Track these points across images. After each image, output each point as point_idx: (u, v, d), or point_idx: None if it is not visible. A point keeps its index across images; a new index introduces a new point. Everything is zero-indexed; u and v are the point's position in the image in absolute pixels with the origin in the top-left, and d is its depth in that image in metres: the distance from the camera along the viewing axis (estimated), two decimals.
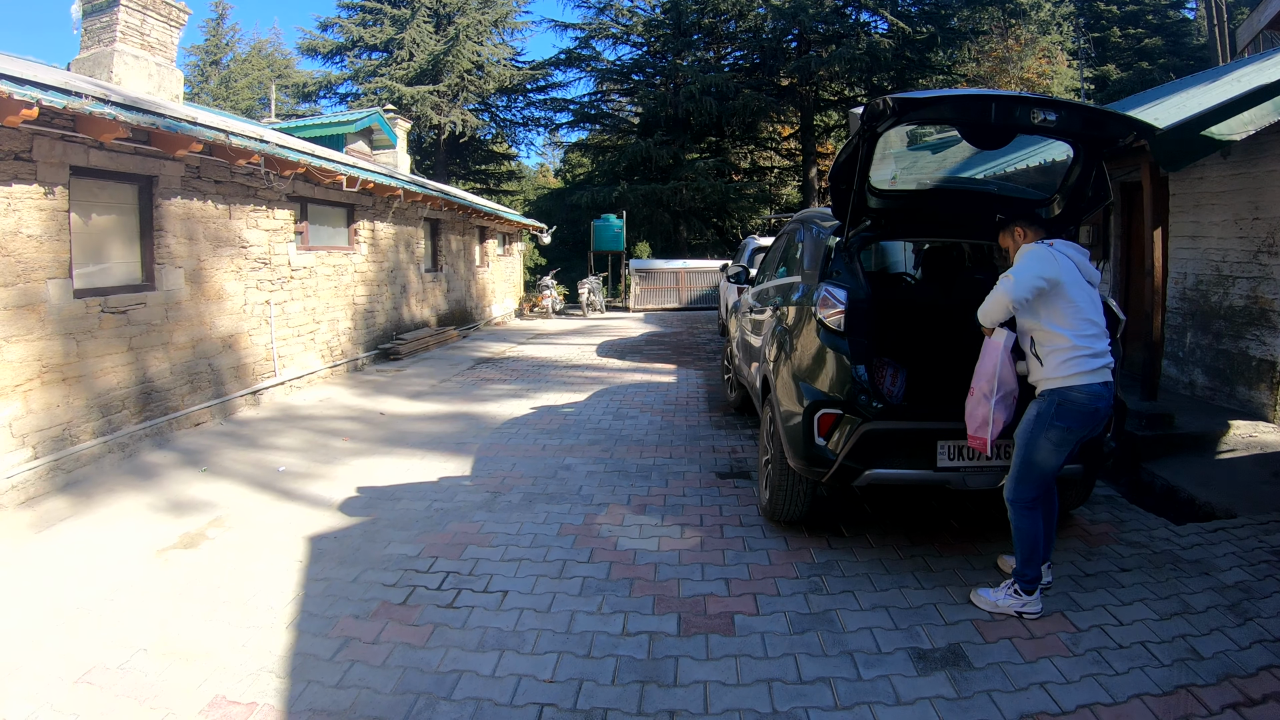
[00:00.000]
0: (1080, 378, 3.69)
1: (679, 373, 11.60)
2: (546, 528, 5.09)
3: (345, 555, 4.67)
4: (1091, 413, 3.72)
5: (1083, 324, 3.71)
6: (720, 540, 4.86)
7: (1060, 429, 3.72)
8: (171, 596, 4.11)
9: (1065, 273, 3.72)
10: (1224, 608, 3.85)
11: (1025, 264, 3.79)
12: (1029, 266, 3.75)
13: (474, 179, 38.02)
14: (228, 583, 4.29)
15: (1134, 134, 4.05)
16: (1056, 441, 3.75)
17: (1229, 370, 7.49)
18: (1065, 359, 3.70)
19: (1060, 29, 39.14)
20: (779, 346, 5.14)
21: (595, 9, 33.42)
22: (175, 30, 9.68)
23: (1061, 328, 3.72)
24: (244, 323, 8.73)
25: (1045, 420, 3.74)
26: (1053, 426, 3.73)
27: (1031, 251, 3.84)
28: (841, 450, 4.24)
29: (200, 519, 5.29)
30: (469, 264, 18.24)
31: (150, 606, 3.99)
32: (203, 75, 46.61)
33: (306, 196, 10.31)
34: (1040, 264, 3.73)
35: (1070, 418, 3.71)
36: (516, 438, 7.49)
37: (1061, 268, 3.72)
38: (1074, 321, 3.70)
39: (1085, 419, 3.73)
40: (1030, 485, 3.83)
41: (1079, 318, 3.71)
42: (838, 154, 4.36)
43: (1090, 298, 3.79)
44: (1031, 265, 3.75)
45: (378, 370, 11.56)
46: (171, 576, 4.37)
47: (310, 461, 6.70)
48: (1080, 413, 3.71)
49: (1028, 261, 3.79)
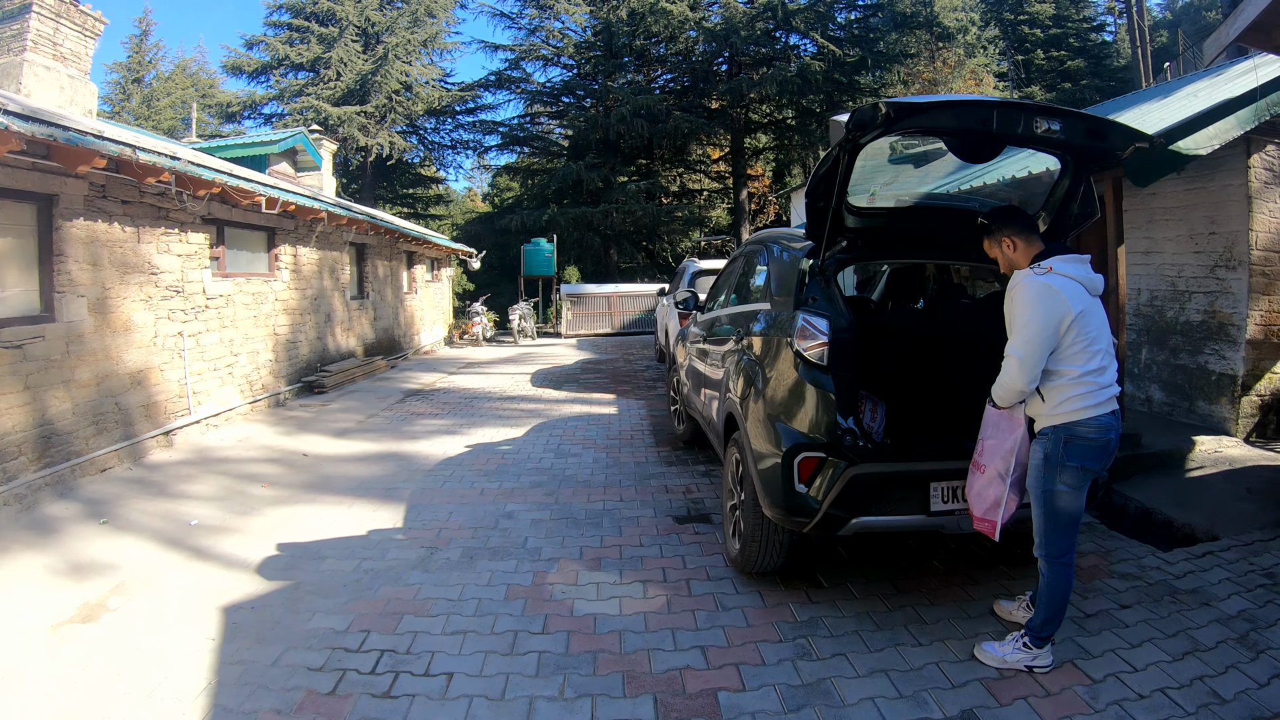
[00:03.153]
0: (1088, 411, 3.32)
1: (619, 403, 11.13)
2: (492, 590, 4.51)
3: (264, 630, 4.03)
4: (1104, 445, 3.36)
5: (1092, 354, 3.32)
6: (689, 599, 4.35)
7: (1074, 469, 3.35)
8: (65, 685, 3.44)
9: (1074, 303, 3.30)
10: (1234, 641, 3.67)
11: (1027, 321, 3.32)
12: (1031, 326, 3.30)
13: (402, 203, 37.28)
14: (130, 667, 3.62)
15: (1134, 145, 3.71)
16: (1074, 483, 3.36)
17: (1188, 385, 7.45)
18: (1071, 394, 3.33)
19: (986, 52, 40.60)
20: (747, 381, 4.65)
21: (526, 30, 33.27)
22: (90, 40, 8.97)
23: (1069, 363, 3.34)
24: (155, 356, 8.00)
25: (1056, 462, 3.36)
26: (1065, 468, 3.35)
27: (1027, 294, 3.36)
28: (825, 498, 3.79)
29: (102, 585, 4.60)
30: (397, 290, 17.55)
31: (38, 700, 3.32)
32: (124, 93, 44.99)
33: (223, 219, 9.63)
34: (1045, 315, 3.29)
35: (1082, 455, 3.34)
36: (452, 481, 6.89)
37: (1069, 301, 3.29)
38: (1083, 353, 3.32)
39: (1098, 453, 3.36)
40: (1061, 535, 3.43)
41: (1089, 349, 3.32)
42: (816, 167, 3.90)
43: (1099, 319, 3.39)
44: (1033, 323, 3.30)
45: (301, 405, 10.82)
46: (67, 658, 3.70)
47: (226, 512, 6.01)
48: (1092, 448, 3.34)
49: (1029, 317, 3.32)
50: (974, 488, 3.63)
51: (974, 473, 3.64)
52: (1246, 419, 7.00)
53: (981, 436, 3.66)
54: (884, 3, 31.66)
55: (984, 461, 3.60)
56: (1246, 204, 6.71)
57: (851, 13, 31.66)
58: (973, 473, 3.65)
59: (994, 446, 3.58)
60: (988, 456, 3.59)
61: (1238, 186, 6.78)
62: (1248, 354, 6.87)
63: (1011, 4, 43.54)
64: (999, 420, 3.60)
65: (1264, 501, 5.61)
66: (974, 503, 3.62)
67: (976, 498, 3.60)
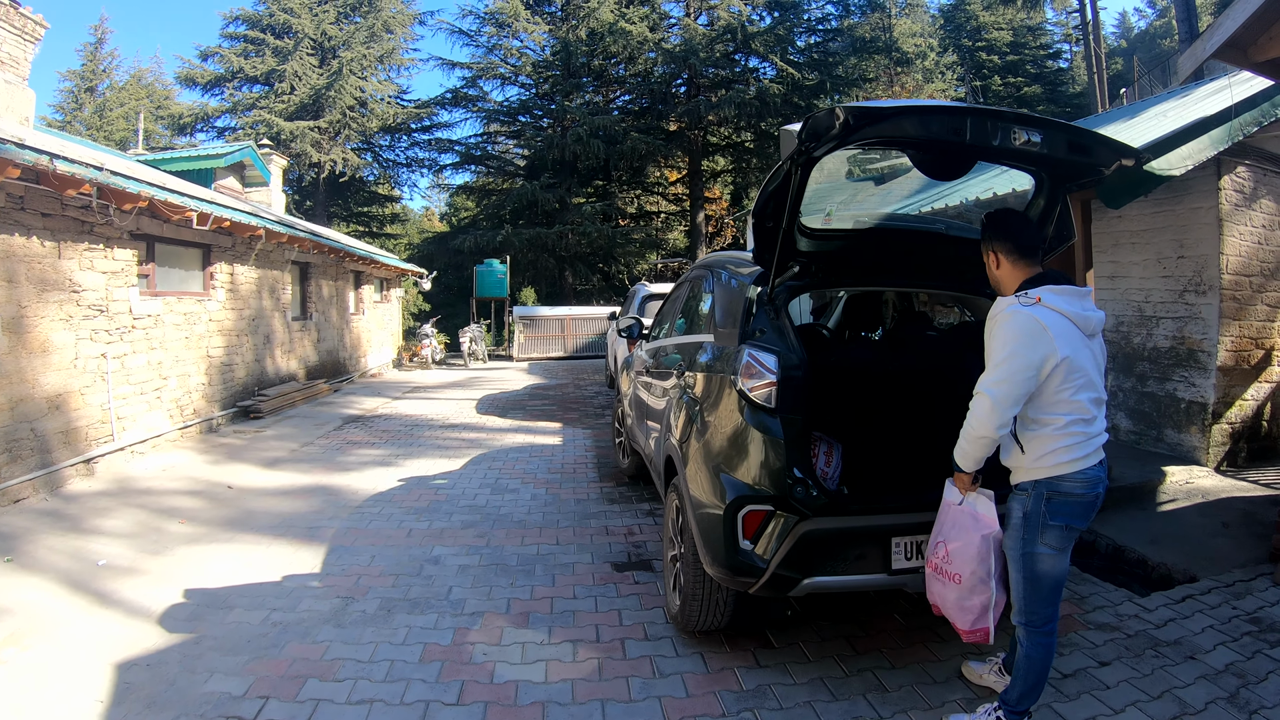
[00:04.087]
0: (1074, 465, 2.88)
1: (565, 432, 10.65)
2: (407, 650, 4.02)
3: (157, 693, 3.56)
4: (1091, 501, 2.94)
5: (1080, 403, 2.89)
6: (623, 662, 3.88)
7: (1058, 528, 2.92)
8: None
9: (1061, 345, 2.83)
10: (1223, 701, 3.41)
11: (1005, 357, 2.85)
12: (1010, 363, 2.83)
13: (356, 221, 36.75)
14: None
15: (1119, 161, 3.32)
16: (1057, 544, 2.94)
17: (1156, 414, 7.23)
18: (1056, 445, 2.88)
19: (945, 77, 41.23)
20: (688, 420, 4.18)
21: (484, 49, 32.88)
22: (30, 45, 8.48)
23: (1053, 410, 2.89)
24: (75, 379, 7.46)
25: (1037, 522, 2.92)
26: (1048, 528, 2.92)
27: (1008, 327, 2.88)
28: (774, 556, 3.35)
29: None
30: (343, 311, 16.91)
31: None
32: (77, 102, 44.19)
33: (154, 235, 9.11)
34: (1027, 352, 2.82)
35: (1067, 513, 2.92)
36: (379, 519, 6.38)
37: (1055, 342, 2.82)
38: (1070, 401, 2.88)
39: (1084, 510, 2.94)
40: (1043, 602, 2.99)
41: (1075, 397, 2.88)
42: (764, 183, 3.45)
43: (1092, 364, 2.94)
44: (1012, 361, 2.83)
45: (235, 431, 10.24)
46: None
47: (137, 551, 5.50)
48: (1078, 505, 2.92)
49: (1007, 353, 2.85)
50: (948, 600, 3.15)
51: (943, 583, 3.16)
52: (1217, 448, 6.79)
53: (940, 538, 3.17)
54: (844, 27, 31.79)
55: (954, 570, 3.10)
56: (1217, 227, 6.51)
57: (811, 37, 31.79)
58: (941, 584, 3.17)
59: (961, 551, 3.09)
60: (958, 564, 3.09)
61: (1208, 209, 6.58)
62: (1219, 381, 6.67)
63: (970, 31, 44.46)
64: (961, 519, 3.12)
65: (1241, 537, 5.39)
66: (956, 617, 3.14)
67: (958, 610, 3.12)
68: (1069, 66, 44.87)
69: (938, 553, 3.17)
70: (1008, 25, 43.91)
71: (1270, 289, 6.93)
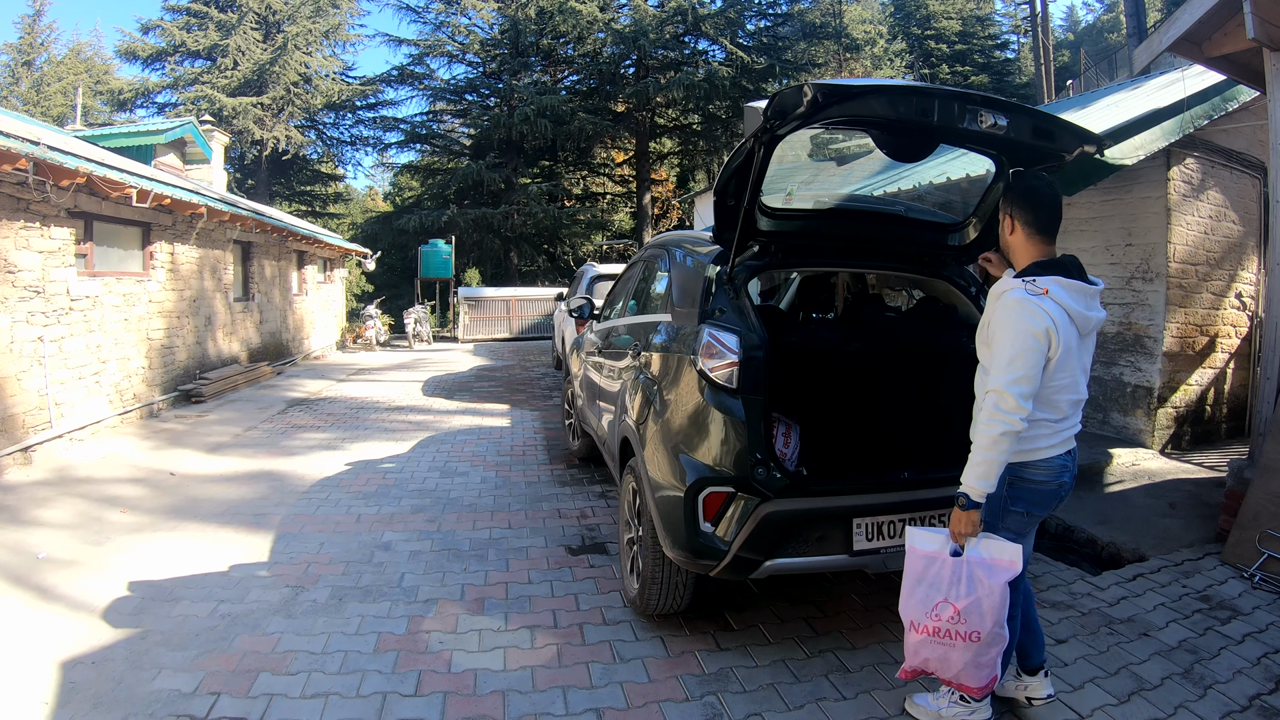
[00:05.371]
0: (1041, 452, 2.84)
1: (513, 414, 10.53)
2: (360, 640, 3.91)
3: (103, 692, 3.40)
4: (1055, 489, 2.89)
5: (1058, 402, 2.84)
6: (582, 648, 3.83)
7: (1018, 514, 2.91)
8: None
9: (1062, 339, 2.74)
10: (1179, 676, 3.49)
11: (1018, 353, 2.70)
12: (1025, 359, 2.69)
13: (299, 200, 35.84)
14: None
15: (1081, 148, 3.29)
16: (1017, 528, 2.93)
17: (1102, 397, 7.38)
18: (1026, 433, 2.76)
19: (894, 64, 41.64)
20: (645, 401, 4.10)
21: (432, 25, 32.24)
22: None
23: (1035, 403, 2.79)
24: (11, 364, 7.16)
25: (998, 507, 2.88)
26: (1009, 513, 2.90)
27: (1018, 320, 2.72)
28: (735, 539, 3.31)
29: None
30: (285, 292, 16.49)
31: None
32: (14, 77, 42.52)
33: (92, 213, 8.76)
34: (1036, 344, 2.69)
35: (1029, 499, 2.90)
36: (327, 505, 6.22)
37: (1059, 335, 2.72)
38: (1049, 400, 2.82)
39: (1047, 498, 2.91)
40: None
41: (1055, 396, 2.83)
42: (727, 160, 3.39)
43: (1081, 361, 2.87)
44: (1027, 356, 2.69)
45: (177, 416, 9.94)
46: None
47: (79, 543, 5.29)
48: (1041, 492, 2.89)
49: (1019, 349, 2.70)
50: (956, 663, 2.85)
51: (949, 646, 2.84)
52: (1163, 431, 6.96)
53: (941, 598, 2.84)
54: (794, 12, 31.86)
55: (970, 629, 2.80)
56: (1166, 216, 6.64)
57: (761, 21, 31.76)
58: (946, 647, 2.85)
59: (976, 606, 2.79)
60: (974, 620, 2.79)
61: (1157, 199, 6.70)
62: (1164, 366, 6.83)
63: (919, 19, 44.99)
64: (968, 570, 2.82)
65: (1188, 518, 5.52)
66: (967, 678, 2.87)
67: (971, 670, 2.85)
68: (1016, 57, 45.75)
69: (941, 615, 2.84)
70: (957, 15, 44.61)
71: (1215, 278, 7.09)
